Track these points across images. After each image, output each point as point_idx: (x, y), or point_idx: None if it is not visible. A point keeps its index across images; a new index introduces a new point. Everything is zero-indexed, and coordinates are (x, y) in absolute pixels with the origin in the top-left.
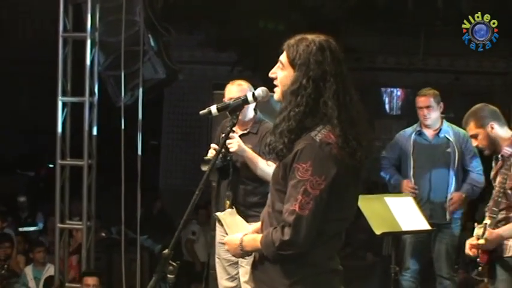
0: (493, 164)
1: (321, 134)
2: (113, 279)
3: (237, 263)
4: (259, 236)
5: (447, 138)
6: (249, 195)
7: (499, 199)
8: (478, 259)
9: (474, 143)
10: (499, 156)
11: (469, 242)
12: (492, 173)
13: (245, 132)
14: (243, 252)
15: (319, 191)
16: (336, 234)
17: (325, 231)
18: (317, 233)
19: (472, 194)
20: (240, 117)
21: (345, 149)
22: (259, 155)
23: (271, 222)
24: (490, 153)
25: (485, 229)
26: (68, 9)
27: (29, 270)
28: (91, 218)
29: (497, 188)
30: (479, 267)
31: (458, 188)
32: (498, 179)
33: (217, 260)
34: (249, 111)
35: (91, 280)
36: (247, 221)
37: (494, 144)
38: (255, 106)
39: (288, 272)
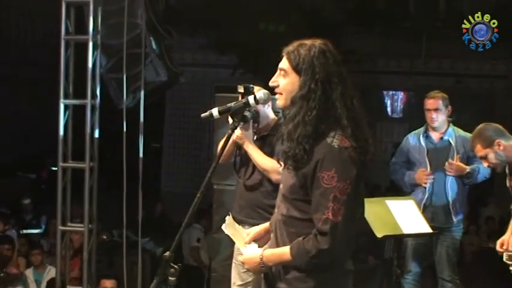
0: (507, 171)
1: (337, 139)
2: None
3: None
4: (283, 249)
5: (449, 142)
6: (268, 197)
7: None
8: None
9: (485, 164)
10: None
11: (500, 241)
12: (508, 182)
13: (265, 134)
14: (264, 268)
15: (346, 195)
16: (355, 234)
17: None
18: None
19: (474, 175)
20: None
21: (357, 150)
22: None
23: (287, 230)
24: (502, 170)
25: None
26: (70, 11)
27: (29, 273)
28: (92, 220)
29: None
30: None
31: (459, 193)
32: None
33: (233, 264)
34: (267, 113)
35: (109, 283)
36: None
37: (504, 161)
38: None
39: (310, 277)
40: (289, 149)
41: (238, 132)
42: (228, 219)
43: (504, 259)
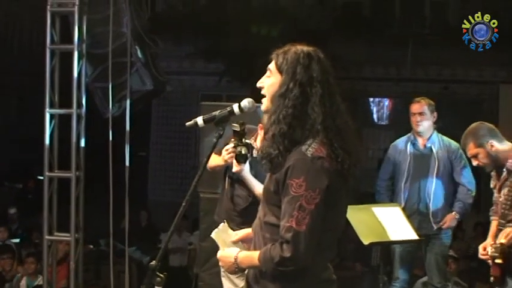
0: (494, 173)
1: (312, 148)
2: None
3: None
4: (255, 253)
5: (432, 149)
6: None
7: (506, 211)
8: (491, 272)
9: (474, 162)
10: (504, 170)
11: (482, 245)
12: (493, 183)
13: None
14: (238, 269)
15: (314, 205)
16: (330, 244)
17: (321, 242)
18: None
19: (464, 210)
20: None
21: (333, 159)
22: None
23: (263, 235)
24: (491, 170)
25: (502, 247)
26: (55, 21)
27: (23, 280)
28: (79, 229)
29: (502, 200)
30: (492, 278)
31: (442, 200)
32: (504, 191)
33: (223, 274)
34: None
35: None
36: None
37: (495, 161)
38: None
39: (284, 285)
40: (264, 147)
41: (235, 168)
42: (222, 225)
43: (490, 253)
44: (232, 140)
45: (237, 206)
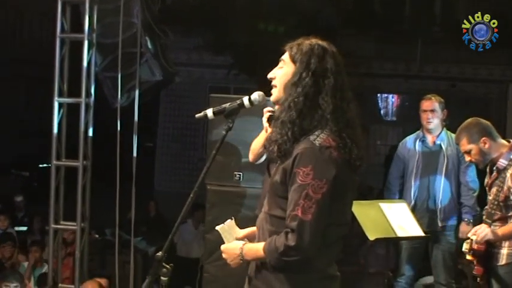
0: (488, 170)
1: (320, 138)
2: None
3: None
4: (259, 245)
5: (441, 146)
6: None
7: (492, 211)
8: (474, 272)
9: (467, 158)
10: (494, 168)
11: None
12: (486, 180)
13: None
14: (242, 261)
15: (321, 194)
16: (337, 239)
17: (327, 236)
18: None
19: (474, 212)
20: None
21: (341, 149)
22: None
23: (267, 228)
24: (484, 167)
25: (471, 244)
26: (66, 10)
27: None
28: (85, 219)
29: (491, 199)
30: (478, 279)
31: (450, 198)
32: (493, 190)
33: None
34: None
35: (101, 281)
36: None
37: (488, 158)
38: None
39: (287, 279)
40: (274, 132)
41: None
42: (230, 222)
43: (463, 249)
44: None
45: None
